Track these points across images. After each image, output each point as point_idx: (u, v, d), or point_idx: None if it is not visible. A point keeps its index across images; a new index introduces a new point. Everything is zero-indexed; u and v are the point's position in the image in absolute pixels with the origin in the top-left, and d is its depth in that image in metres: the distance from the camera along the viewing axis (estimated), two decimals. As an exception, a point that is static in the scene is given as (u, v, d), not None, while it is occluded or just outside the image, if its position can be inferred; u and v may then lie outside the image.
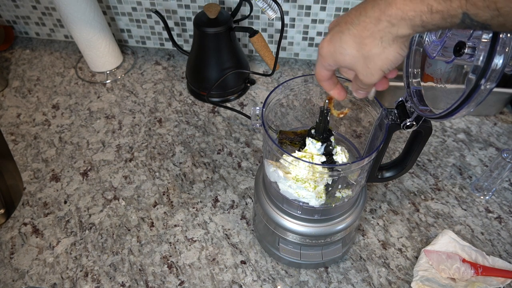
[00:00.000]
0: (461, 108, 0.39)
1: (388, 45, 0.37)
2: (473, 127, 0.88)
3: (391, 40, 0.36)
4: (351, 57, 0.39)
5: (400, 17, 0.34)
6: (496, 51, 0.34)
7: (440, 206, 0.74)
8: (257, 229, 0.69)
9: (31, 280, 0.65)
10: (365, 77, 0.40)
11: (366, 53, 0.38)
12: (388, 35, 0.36)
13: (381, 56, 0.38)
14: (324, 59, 0.42)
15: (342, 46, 0.39)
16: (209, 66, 0.90)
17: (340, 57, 0.40)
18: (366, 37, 0.37)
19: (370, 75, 0.40)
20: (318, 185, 0.53)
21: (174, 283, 0.64)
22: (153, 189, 0.77)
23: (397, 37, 0.36)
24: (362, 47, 0.38)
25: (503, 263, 0.65)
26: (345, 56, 0.40)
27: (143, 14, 1.02)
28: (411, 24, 0.34)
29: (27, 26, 1.10)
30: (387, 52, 0.37)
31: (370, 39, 0.37)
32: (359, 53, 0.38)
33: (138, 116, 0.92)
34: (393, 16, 0.35)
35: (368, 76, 0.40)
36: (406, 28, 0.35)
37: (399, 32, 0.35)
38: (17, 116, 0.92)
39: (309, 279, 0.65)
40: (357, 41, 0.38)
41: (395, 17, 0.35)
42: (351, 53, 0.39)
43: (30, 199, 0.76)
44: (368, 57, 0.38)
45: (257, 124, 0.53)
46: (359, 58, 0.39)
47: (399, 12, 0.34)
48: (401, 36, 0.36)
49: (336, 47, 0.40)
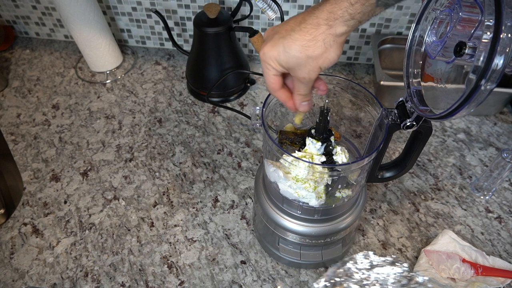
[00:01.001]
0: (461, 108, 0.39)
1: (329, 46, 0.43)
2: (473, 127, 0.88)
3: (332, 41, 0.43)
4: (294, 59, 0.44)
5: (333, 18, 0.41)
6: (497, 52, 0.34)
7: (440, 206, 0.74)
8: (257, 229, 0.69)
9: (31, 280, 0.65)
10: (307, 74, 0.45)
11: (310, 54, 0.43)
12: (329, 37, 0.42)
13: (323, 56, 0.43)
14: (267, 63, 0.46)
15: (286, 50, 0.44)
16: (209, 66, 0.90)
17: (283, 59, 0.45)
18: (308, 40, 0.43)
19: (311, 72, 0.45)
20: (318, 185, 0.52)
21: (174, 283, 0.64)
22: (153, 189, 0.77)
23: (336, 37, 0.42)
24: (305, 49, 0.43)
25: (503, 263, 0.65)
26: (289, 58, 0.44)
27: (143, 14, 1.02)
28: (343, 20, 0.41)
29: (27, 26, 1.10)
30: (328, 52, 0.43)
31: (313, 42, 0.42)
32: (302, 54, 0.43)
33: (138, 116, 0.92)
34: (328, 19, 0.42)
35: (309, 73, 0.45)
36: (341, 26, 0.42)
37: (337, 31, 0.42)
38: (17, 116, 0.92)
39: (309, 279, 0.65)
40: (300, 44, 0.43)
41: (329, 19, 0.42)
42: (294, 55, 0.43)
43: (30, 199, 0.76)
44: (311, 57, 0.43)
45: (257, 124, 0.53)
46: (302, 59, 0.43)
47: (331, 14, 0.41)
48: (339, 35, 0.42)
49: (280, 51, 0.44)
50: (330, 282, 0.42)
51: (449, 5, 0.44)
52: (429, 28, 0.47)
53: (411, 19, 0.93)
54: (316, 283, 0.42)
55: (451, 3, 0.43)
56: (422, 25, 0.48)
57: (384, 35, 0.95)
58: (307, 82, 0.46)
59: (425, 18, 0.47)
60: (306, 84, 0.47)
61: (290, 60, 0.44)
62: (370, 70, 1.03)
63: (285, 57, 0.44)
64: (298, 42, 0.43)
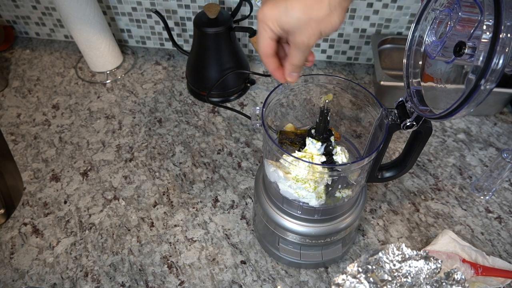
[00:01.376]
0: (461, 108, 0.39)
1: (334, 8, 0.41)
2: (473, 127, 0.88)
3: (338, 4, 0.41)
4: (296, 20, 0.42)
5: None
6: (496, 51, 0.34)
7: (440, 206, 0.74)
8: (257, 229, 0.69)
9: (31, 280, 0.65)
10: (306, 38, 0.43)
11: (313, 15, 0.41)
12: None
13: (326, 19, 0.41)
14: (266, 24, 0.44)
15: (288, 10, 0.42)
16: (209, 66, 0.90)
17: (284, 20, 0.42)
18: (313, 0, 0.41)
19: (312, 36, 0.42)
20: (318, 185, 0.53)
21: (174, 283, 0.64)
22: (153, 189, 0.77)
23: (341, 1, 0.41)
24: (309, 10, 0.41)
25: (503, 263, 0.65)
26: (290, 19, 0.42)
27: (143, 14, 1.02)
28: None
29: (27, 26, 1.10)
30: (332, 16, 0.41)
31: (317, 3, 0.40)
32: (305, 15, 0.41)
33: (138, 116, 0.92)
34: None
35: (310, 37, 0.43)
36: None
37: None
38: (17, 116, 0.92)
39: (309, 279, 0.65)
40: (304, 4, 0.41)
41: None
42: (297, 16, 0.41)
43: (30, 199, 0.76)
44: (314, 19, 0.41)
45: (257, 124, 0.53)
46: (304, 20, 0.41)
47: None
48: None
49: (281, 11, 0.42)
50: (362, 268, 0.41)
51: (448, 5, 0.44)
52: (429, 28, 0.47)
53: (411, 19, 0.93)
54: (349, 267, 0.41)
55: (450, 3, 0.43)
56: (421, 25, 0.48)
57: (384, 35, 0.95)
58: (305, 48, 0.44)
59: (424, 18, 0.47)
60: (303, 51, 0.45)
61: (291, 21, 0.42)
62: (370, 70, 1.03)
63: (286, 18, 0.42)
64: (302, 2, 0.41)
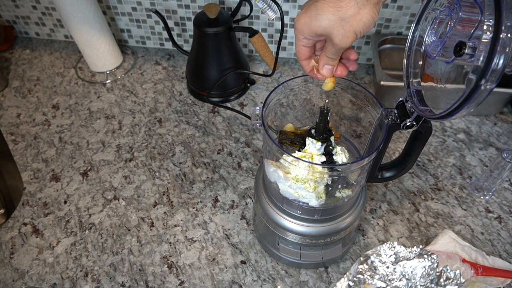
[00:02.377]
0: (461, 108, 0.39)
1: (362, 6, 0.41)
2: (473, 127, 0.88)
3: (365, 1, 0.41)
4: (327, 22, 0.43)
5: None
6: (496, 52, 0.34)
7: (440, 206, 0.74)
8: (257, 229, 0.69)
9: (31, 280, 0.65)
10: (340, 40, 0.44)
11: (342, 15, 0.42)
12: None
13: (356, 17, 0.42)
14: (300, 31, 0.46)
15: (318, 12, 0.43)
16: (209, 66, 0.90)
17: (316, 23, 0.43)
18: (341, 1, 0.41)
19: (345, 38, 0.43)
20: (318, 185, 0.53)
21: (174, 283, 0.64)
22: (153, 189, 0.77)
23: None
24: (338, 10, 0.42)
25: (503, 263, 0.65)
26: (321, 21, 0.43)
27: (143, 14, 1.02)
28: None
29: (27, 26, 1.10)
30: (362, 13, 0.41)
31: (345, 2, 0.41)
32: (335, 16, 0.42)
33: (138, 116, 0.92)
34: None
35: (343, 39, 0.43)
36: None
37: None
38: (17, 116, 0.92)
39: (309, 279, 0.65)
40: (333, 5, 0.42)
41: None
42: (327, 17, 0.42)
43: (30, 199, 0.76)
44: (344, 19, 0.42)
45: (257, 124, 0.53)
46: (335, 21, 0.42)
47: None
48: None
49: (312, 15, 0.43)
50: (353, 281, 0.39)
51: (448, 5, 0.44)
52: (429, 28, 0.47)
53: (411, 19, 0.93)
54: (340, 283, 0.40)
55: (450, 3, 0.43)
56: (422, 25, 0.48)
57: (384, 35, 0.95)
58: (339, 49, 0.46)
59: (425, 18, 0.47)
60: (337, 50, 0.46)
61: (322, 24, 0.43)
62: (370, 70, 1.03)
63: (317, 22, 0.43)
64: (331, 3, 0.42)
